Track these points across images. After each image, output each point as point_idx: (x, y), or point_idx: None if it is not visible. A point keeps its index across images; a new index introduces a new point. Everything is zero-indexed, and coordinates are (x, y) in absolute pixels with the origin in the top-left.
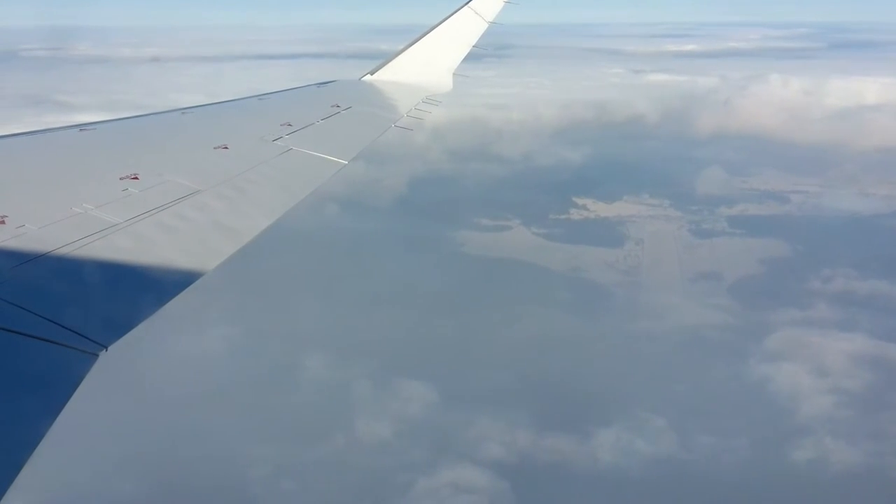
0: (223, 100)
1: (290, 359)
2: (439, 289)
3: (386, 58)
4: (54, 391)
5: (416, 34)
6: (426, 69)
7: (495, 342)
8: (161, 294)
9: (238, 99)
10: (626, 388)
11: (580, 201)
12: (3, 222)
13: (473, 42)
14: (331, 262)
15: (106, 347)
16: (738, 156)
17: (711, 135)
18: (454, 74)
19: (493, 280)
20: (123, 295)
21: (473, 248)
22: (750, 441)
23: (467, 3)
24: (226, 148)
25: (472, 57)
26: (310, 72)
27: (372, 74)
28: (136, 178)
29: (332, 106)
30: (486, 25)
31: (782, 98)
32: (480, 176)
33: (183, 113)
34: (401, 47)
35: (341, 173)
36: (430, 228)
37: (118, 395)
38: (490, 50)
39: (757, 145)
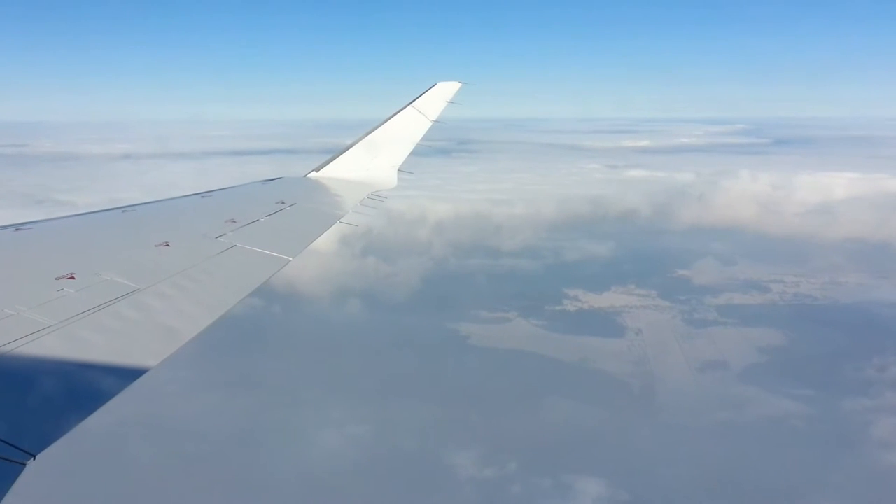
0: (166, 197)
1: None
2: (474, 382)
3: (331, 155)
4: None
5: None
6: (371, 166)
7: (579, 436)
8: (94, 398)
9: (181, 196)
10: (779, 479)
11: (571, 292)
12: None
13: (418, 139)
14: (361, 359)
15: (34, 456)
16: (717, 247)
17: (690, 227)
18: (399, 171)
19: (516, 372)
20: (54, 400)
21: (480, 341)
22: None
23: (411, 102)
24: (167, 245)
25: (442, 152)
26: (289, 166)
27: (317, 171)
28: (73, 278)
29: (277, 202)
30: (429, 124)
31: (753, 192)
32: (472, 269)
33: (124, 211)
34: (346, 144)
35: (349, 268)
36: (432, 322)
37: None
38: (453, 144)
39: (733, 237)
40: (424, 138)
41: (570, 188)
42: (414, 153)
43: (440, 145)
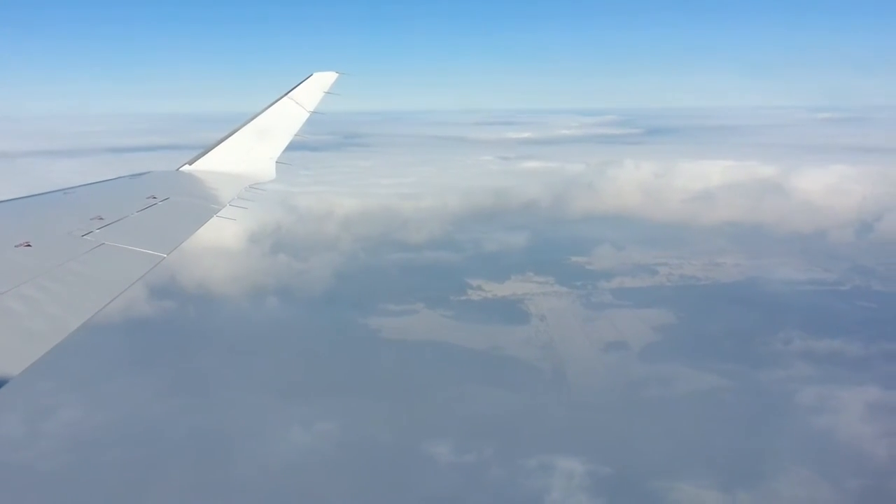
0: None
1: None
2: (392, 374)
3: (205, 147)
4: None
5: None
6: (248, 158)
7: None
8: None
9: (42, 193)
10: (735, 446)
11: (474, 282)
12: None
13: (296, 130)
14: (278, 358)
15: None
16: (608, 233)
17: (582, 215)
18: (277, 163)
19: (432, 362)
20: None
21: (391, 333)
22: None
23: (287, 93)
24: (28, 245)
25: (332, 146)
26: (176, 163)
27: (191, 164)
28: None
29: (149, 197)
30: (307, 115)
31: (638, 180)
32: (380, 263)
33: None
34: (221, 136)
35: (261, 266)
36: (343, 317)
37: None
38: (341, 138)
39: (621, 223)
40: (303, 130)
41: (471, 181)
42: (306, 148)
43: (329, 139)
